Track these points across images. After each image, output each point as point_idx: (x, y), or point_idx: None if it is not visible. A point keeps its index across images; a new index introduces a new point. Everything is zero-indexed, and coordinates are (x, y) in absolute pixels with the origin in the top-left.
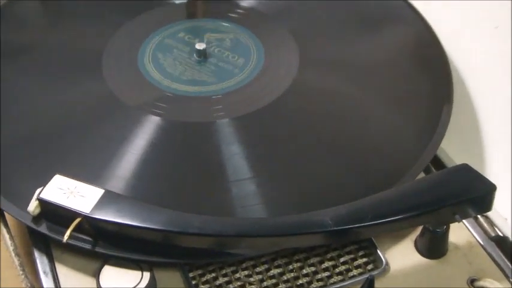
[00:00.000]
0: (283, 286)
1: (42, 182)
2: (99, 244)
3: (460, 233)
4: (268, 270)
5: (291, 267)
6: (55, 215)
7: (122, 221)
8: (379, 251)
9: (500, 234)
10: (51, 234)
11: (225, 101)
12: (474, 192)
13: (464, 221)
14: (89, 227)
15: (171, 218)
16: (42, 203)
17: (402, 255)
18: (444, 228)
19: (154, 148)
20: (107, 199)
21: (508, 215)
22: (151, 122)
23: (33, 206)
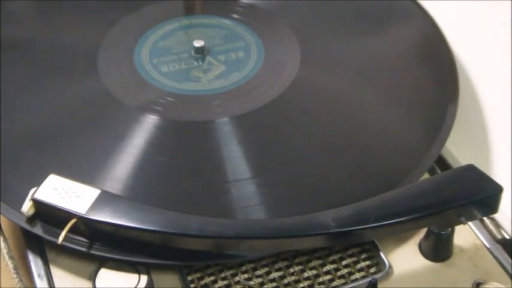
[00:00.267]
0: None
1: (37, 182)
2: (95, 246)
3: (465, 235)
4: (268, 273)
5: (292, 270)
6: (50, 215)
7: (119, 222)
8: (382, 254)
9: (507, 236)
10: (45, 235)
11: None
12: (480, 194)
13: (469, 223)
14: (85, 228)
15: (169, 219)
16: (37, 203)
17: (406, 258)
18: (449, 231)
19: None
20: (103, 200)
21: None
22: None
23: (27, 206)
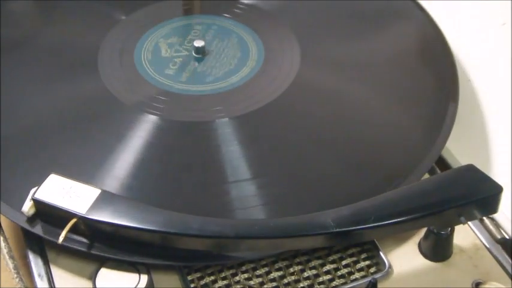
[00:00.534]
0: None
1: (37, 181)
2: (96, 246)
3: (465, 235)
4: (268, 273)
5: (291, 270)
6: (50, 215)
7: (119, 222)
8: (382, 254)
9: (507, 236)
10: (46, 235)
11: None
12: (480, 194)
13: (469, 223)
14: (85, 228)
15: (169, 219)
16: (37, 203)
17: (406, 258)
18: (449, 231)
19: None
20: (104, 199)
21: None
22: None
23: (27, 206)
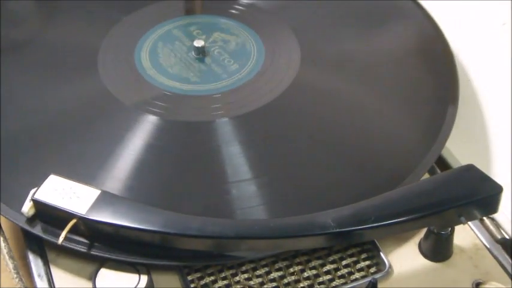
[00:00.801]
0: None
1: (37, 182)
2: (95, 246)
3: (465, 235)
4: (268, 273)
5: (292, 270)
6: (50, 216)
7: (119, 223)
8: (382, 254)
9: (507, 236)
10: (45, 236)
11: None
12: (480, 194)
13: (469, 223)
14: (85, 228)
15: (169, 219)
16: (37, 203)
17: (406, 258)
18: (449, 231)
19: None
20: (103, 200)
21: None
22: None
23: (27, 207)
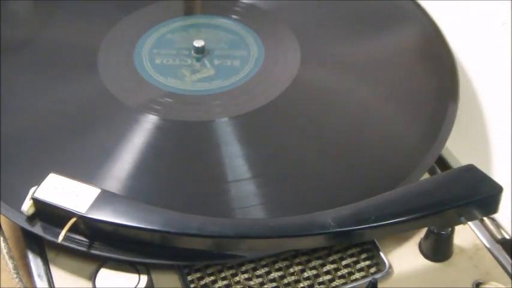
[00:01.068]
0: None
1: (37, 181)
2: (95, 246)
3: (465, 235)
4: (268, 273)
5: (292, 270)
6: (50, 215)
7: (119, 222)
8: (382, 254)
9: (507, 236)
10: (45, 235)
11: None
12: (480, 194)
13: (469, 223)
14: (85, 227)
15: (169, 218)
16: (36, 202)
17: (406, 258)
18: (449, 231)
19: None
20: (103, 199)
21: None
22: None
23: (27, 205)
